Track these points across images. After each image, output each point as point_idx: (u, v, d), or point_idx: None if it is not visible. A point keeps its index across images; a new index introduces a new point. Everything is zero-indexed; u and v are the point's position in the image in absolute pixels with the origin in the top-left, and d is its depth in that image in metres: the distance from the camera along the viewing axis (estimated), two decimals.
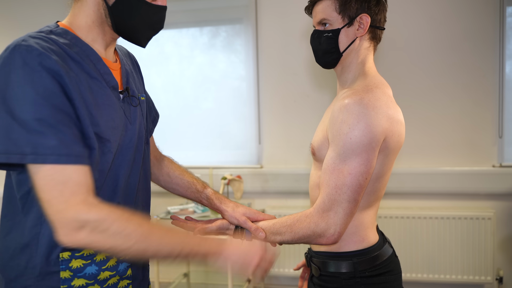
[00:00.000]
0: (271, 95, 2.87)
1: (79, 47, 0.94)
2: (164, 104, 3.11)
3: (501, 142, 2.60)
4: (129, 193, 1.03)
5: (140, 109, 1.08)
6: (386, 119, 1.06)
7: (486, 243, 2.50)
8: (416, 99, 2.66)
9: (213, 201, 1.27)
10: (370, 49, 1.19)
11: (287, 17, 2.80)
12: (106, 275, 0.97)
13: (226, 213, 1.25)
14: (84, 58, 0.93)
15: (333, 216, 1.04)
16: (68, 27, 0.97)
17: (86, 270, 0.93)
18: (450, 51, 2.62)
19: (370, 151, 1.03)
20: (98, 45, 0.99)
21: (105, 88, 0.96)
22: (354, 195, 1.03)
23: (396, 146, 1.12)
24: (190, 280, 2.94)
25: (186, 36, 3.05)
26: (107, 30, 0.99)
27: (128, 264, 1.01)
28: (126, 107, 1.02)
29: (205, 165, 2.97)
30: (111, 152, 0.95)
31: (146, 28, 1.02)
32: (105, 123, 0.93)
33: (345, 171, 1.03)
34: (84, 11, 0.97)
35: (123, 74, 1.06)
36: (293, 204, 2.86)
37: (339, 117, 1.05)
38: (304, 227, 1.08)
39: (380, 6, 1.16)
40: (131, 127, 1.02)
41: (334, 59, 1.18)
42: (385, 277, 1.14)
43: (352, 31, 1.15)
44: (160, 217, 2.49)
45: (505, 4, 2.54)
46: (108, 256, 0.97)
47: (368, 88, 1.09)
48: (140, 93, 1.13)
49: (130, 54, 1.20)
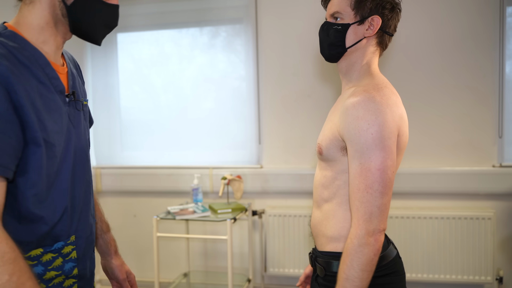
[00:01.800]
0: (271, 95, 2.87)
1: (28, 51, 0.94)
2: (164, 104, 3.11)
3: (501, 142, 2.60)
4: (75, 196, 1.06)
5: (83, 113, 1.11)
6: (398, 117, 1.07)
7: (486, 243, 2.50)
8: (416, 99, 2.66)
9: (110, 246, 1.30)
10: (376, 53, 1.20)
11: (287, 17, 2.80)
12: (52, 274, 1.00)
13: (111, 264, 1.30)
14: (33, 62, 0.94)
15: (369, 218, 1.02)
16: (16, 29, 0.96)
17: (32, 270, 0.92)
18: (450, 51, 2.62)
19: (392, 145, 1.04)
20: (48, 47, 0.99)
21: (53, 93, 0.97)
22: (386, 190, 1.03)
23: (404, 146, 1.13)
24: (190, 280, 2.94)
25: (186, 36, 3.05)
26: (60, 30, 1.00)
27: (75, 264, 1.05)
28: (71, 111, 1.04)
29: (205, 165, 2.97)
30: (56, 157, 0.97)
31: (103, 26, 1.05)
32: (51, 128, 0.95)
33: (373, 168, 1.02)
34: (36, 12, 0.97)
35: (70, 78, 1.07)
36: (293, 204, 2.86)
37: (354, 114, 1.05)
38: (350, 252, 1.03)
39: (394, 14, 1.17)
40: (75, 130, 1.05)
41: (338, 53, 1.19)
42: (390, 277, 1.14)
43: (362, 30, 1.16)
44: (160, 217, 2.48)
45: (505, 4, 2.54)
46: (54, 256, 1.00)
47: (378, 87, 1.09)
48: (84, 97, 1.14)
49: (74, 59, 1.21)
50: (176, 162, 3.05)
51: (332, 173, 1.15)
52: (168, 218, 2.48)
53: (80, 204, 1.07)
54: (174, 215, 2.46)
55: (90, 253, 1.14)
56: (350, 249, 1.03)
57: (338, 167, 1.14)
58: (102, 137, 3.15)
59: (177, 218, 2.44)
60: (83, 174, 1.09)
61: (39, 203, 0.95)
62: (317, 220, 1.21)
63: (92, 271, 1.15)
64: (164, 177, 3.00)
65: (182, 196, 2.99)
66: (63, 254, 1.03)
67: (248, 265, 2.90)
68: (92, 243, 1.15)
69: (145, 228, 3.07)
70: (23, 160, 0.91)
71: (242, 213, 2.58)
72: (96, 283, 3.14)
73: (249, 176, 2.87)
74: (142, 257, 3.14)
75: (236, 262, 2.97)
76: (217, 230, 2.96)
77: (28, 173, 0.92)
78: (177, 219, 2.45)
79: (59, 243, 1.01)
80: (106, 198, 3.15)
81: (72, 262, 1.04)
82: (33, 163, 0.92)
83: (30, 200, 0.93)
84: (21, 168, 0.91)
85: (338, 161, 1.13)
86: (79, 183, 1.07)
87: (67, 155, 1.02)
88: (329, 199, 1.16)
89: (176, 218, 2.44)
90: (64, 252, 1.03)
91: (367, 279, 1.04)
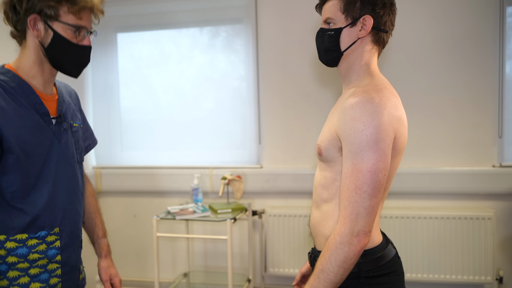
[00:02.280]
0: (271, 95, 2.87)
1: (16, 83, 1.23)
2: (164, 104, 3.11)
3: (501, 142, 2.60)
4: (58, 197, 1.29)
5: (71, 132, 1.37)
6: (395, 119, 1.07)
7: (486, 243, 2.50)
8: (416, 99, 2.66)
9: (102, 250, 1.54)
10: (373, 51, 1.19)
11: (287, 17, 2.81)
12: (35, 256, 1.25)
13: (99, 265, 1.53)
14: (18, 91, 1.23)
15: (355, 218, 1.03)
16: (12, 68, 1.26)
17: (18, 250, 1.23)
18: (450, 51, 2.62)
19: (386, 148, 1.04)
20: (37, 81, 1.28)
21: (35, 115, 1.25)
22: (375, 192, 1.03)
23: (402, 148, 1.13)
24: (190, 280, 2.94)
25: (186, 36, 3.05)
26: (46, 67, 1.28)
27: (58, 251, 1.29)
28: (57, 130, 1.30)
29: (205, 165, 2.97)
30: (38, 163, 1.24)
31: (75, 63, 1.30)
32: (30, 141, 1.22)
33: (364, 169, 1.02)
34: (27, 54, 1.26)
35: (59, 104, 1.34)
36: (293, 204, 2.86)
37: (351, 114, 1.05)
38: (331, 247, 1.05)
39: (386, 9, 1.16)
40: (60, 145, 1.30)
41: (335, 57, 1.20)
42: (389, 277, 1.14)
43: (355, 31, 1.16)
44: (160, 217, 2.48)
45: (505, 4, 2.54)
46: (39, 242, 1.25)
47: (378, 88, 1.09)
48: (74, 120, 1.41)
49: (72, 91, 1.49)
50: (176, 162, 3.05)
51: (332, 174, 1.15)
52: (168, 218, 2.48)
53: (63, 204, 1.31)
54: (174, 215, 2.46)
55: (74, 246, 1.36)
56: (331, 245, 1.05)
57: (337, 168, 1.14)
58: (102, 137, 3.15)
59: (177, 218, 2.44)
60: (66, 181, 1.32)
61: (19, 198, 1.22)
62: (316, 220, 1.21)
63: (76, 262, 1.39)
64: (164, 177, 3.00)
65: (182, 196, 2.99)
66: (47, 241, 1.28)
67: (248, 265, 2.90)
68: (77, 238, 1.37)
69: (145, 228, 3.07)
70: (2, 164, 1.19)
71: (242, 213, 2.58)
72: (96, 283, 3.14)
73: (249, 176, 2.87)
74: (142, 257, 3.14)
75: (236, 262, 2.97)
76: (217, 230, 2.96)
77: (6, 175, 1.20)
78: (177, 219, 2.45)
79: (42, 232, 1.27)
80: (106, 198, 3.15)
81: (55, 249, 1.29)
82: (10, 167, 1.20)
83: (9, 196, 1.21)
84: (1, 170, 1.20)
85: (337, 161, 1.14)
86: (62, 187, 1.30)
87: (50, 164, 1.27)
88: (329, 199, 1.17)
89: (176, 218, 2.44)
90: (48, 240, 1.28)
91: (342, 275, 1.05)
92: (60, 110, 1.33)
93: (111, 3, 3.03)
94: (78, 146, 1.40)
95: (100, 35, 3.06)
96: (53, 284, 1.29)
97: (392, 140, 1.06)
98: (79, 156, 1.40)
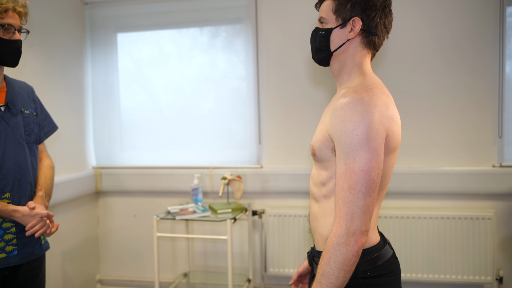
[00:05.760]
0: (271, 95, 2.87)
1: None
2: (164, 104, 3.11)
3: (501, 142, 2.60)
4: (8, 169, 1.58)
5: (22, 117, 1.66)
6: (387, 118, 1.07)
7: (486, 243, 2.50)
8: (416, 99, 2.66)
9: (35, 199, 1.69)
10: (365, 54, 1.19)
11: (287, 17, 2.81)
12: None
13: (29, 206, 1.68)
14: None
15: (351, 218, 1.02)
16: None
17: None
18: (450, 51, 2.62)
19: (378, 146, 1.04)
20: None
21: None
22: (369, 191, 1.03)
23: (396, 146, 1.12)
24: (190, 280, 2.94)
25: (186, 36, 3.05)
26: None
27: (13, 224, 1.59)
28: (6, 115, 1.61)
29: (205, 165, 2.97)
30: None
31: (11, 55, 1.58)
32: None
33: (357, 168, 1.02)
34: None
35: (8, 94, 1.64)
36: (293, 204, 2.86)
37: (341, 115, 1.05)
38: (329, 249, 1.04)
39: (378, 12, 1.15)
40: (10, 127, 1.61)
41: (325, 57, 1.22)
42: (386, 278, 1.14)
43: (344, 32, 1.17)
44: (160, 217, 2.49)
45: (505, 4, 2.54)
46: None
47: (368, 88, 1.09)
48: (26, 108, 1.70)
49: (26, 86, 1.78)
50: (176, 162, 3.05)
51: (327, 172, 1.16)
52: (168, 218, 2.48)
53: (13, 174, 1.61)
54: (174, 215, 2.46)
55: None
56: (329, 247, 1.05)
57: (332, 167, 1.14)
58: (102, 137, 3.15)
59: (177, 218, 2.44)
60: (15, 156, 1.62)
61: None
62: (315, 214, 1.21)
63: None
64: (164, 177, 3.00)
65: (182, 196, 2.99)
66: None
67: (248, 265, 2.90)
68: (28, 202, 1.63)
69: (145, 228, 3.07)
70: None
71: (242, 213, 2.58)
72: (96, 283, 3.14)
73: (249, 176, 2.87)
74: (142, 257, 3.14)
75: (236, 262, 2.97)
76: (217, 230, 2.96)
77: None
78: (177, 219, 2.45)
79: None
80: (106, 198, 3.16)
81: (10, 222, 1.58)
82: None
83: None
84: None
85: (331, 161, 1.14)
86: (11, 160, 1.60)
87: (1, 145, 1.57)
88: (327, 195, 1.17)
89: (176, 218, 2.44)
90: None
91: (344, 277, 1.04)
92: (8, 99, 1.64)
93: (111, 3, 3.03)
94: (28, 128, 1.69)
95: (100, 35, 3.07)
96: (8, 240, 1.59)
97: (384, 138, 1.06)
98: (27, 136, 1.68)
